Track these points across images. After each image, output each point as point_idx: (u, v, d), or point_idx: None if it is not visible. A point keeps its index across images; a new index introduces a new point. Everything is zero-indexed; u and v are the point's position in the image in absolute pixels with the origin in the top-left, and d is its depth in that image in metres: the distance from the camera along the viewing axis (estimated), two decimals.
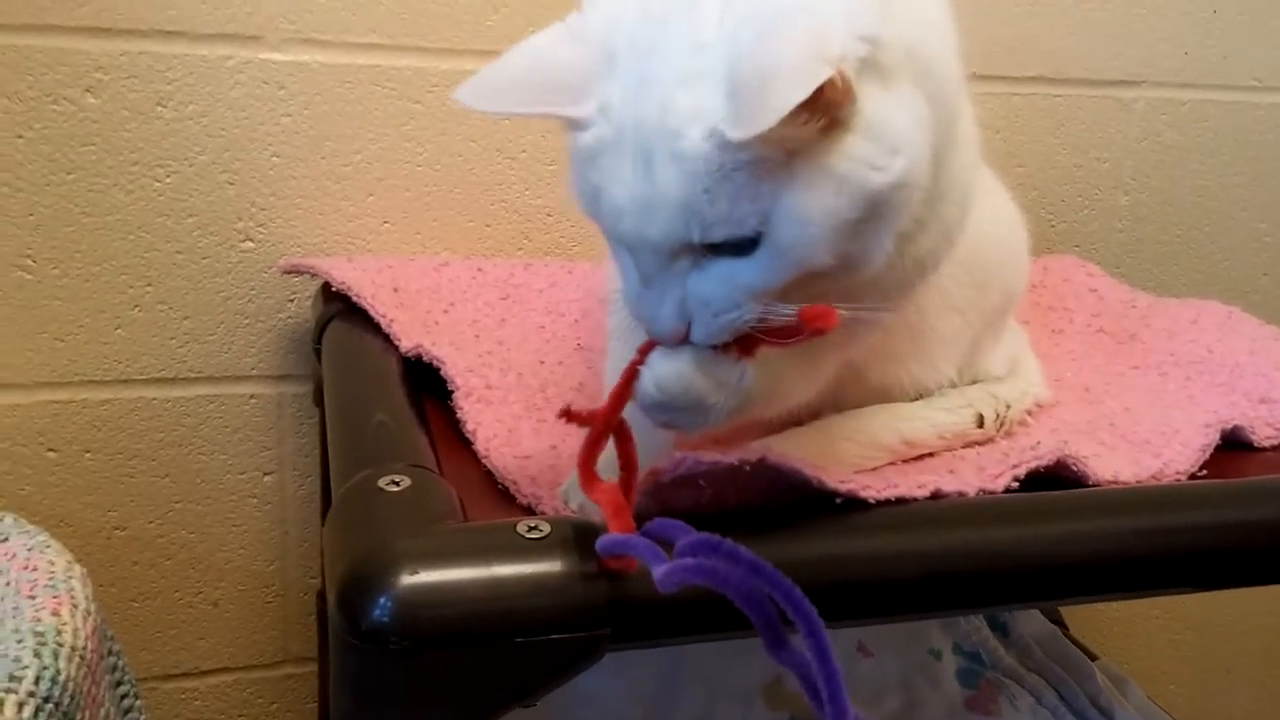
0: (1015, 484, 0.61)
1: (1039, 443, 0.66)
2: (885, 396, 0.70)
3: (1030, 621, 1.09)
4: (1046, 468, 0.62)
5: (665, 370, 0.53)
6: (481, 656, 0.45)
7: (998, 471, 0.61)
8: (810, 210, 0.49)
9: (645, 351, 0.54)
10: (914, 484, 0.57)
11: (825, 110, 0.48)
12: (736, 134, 0.46)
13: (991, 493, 0.59)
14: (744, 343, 0.53)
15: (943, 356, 0.72)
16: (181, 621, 1.01)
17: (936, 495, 0.57)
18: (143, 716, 0.74)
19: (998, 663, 1.06)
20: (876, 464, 0.66)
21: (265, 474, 1.00)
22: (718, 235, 0.50)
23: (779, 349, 0.53)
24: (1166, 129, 1.19)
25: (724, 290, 0.51)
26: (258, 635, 1.04)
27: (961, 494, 0.58)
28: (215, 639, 1.03)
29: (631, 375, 0.54)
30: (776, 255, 0.50)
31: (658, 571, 0.44)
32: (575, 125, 0.52)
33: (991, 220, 0.73)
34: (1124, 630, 1.37)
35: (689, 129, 0.48)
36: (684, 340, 0.52)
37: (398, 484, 0.52)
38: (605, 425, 0.52)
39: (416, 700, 0.45)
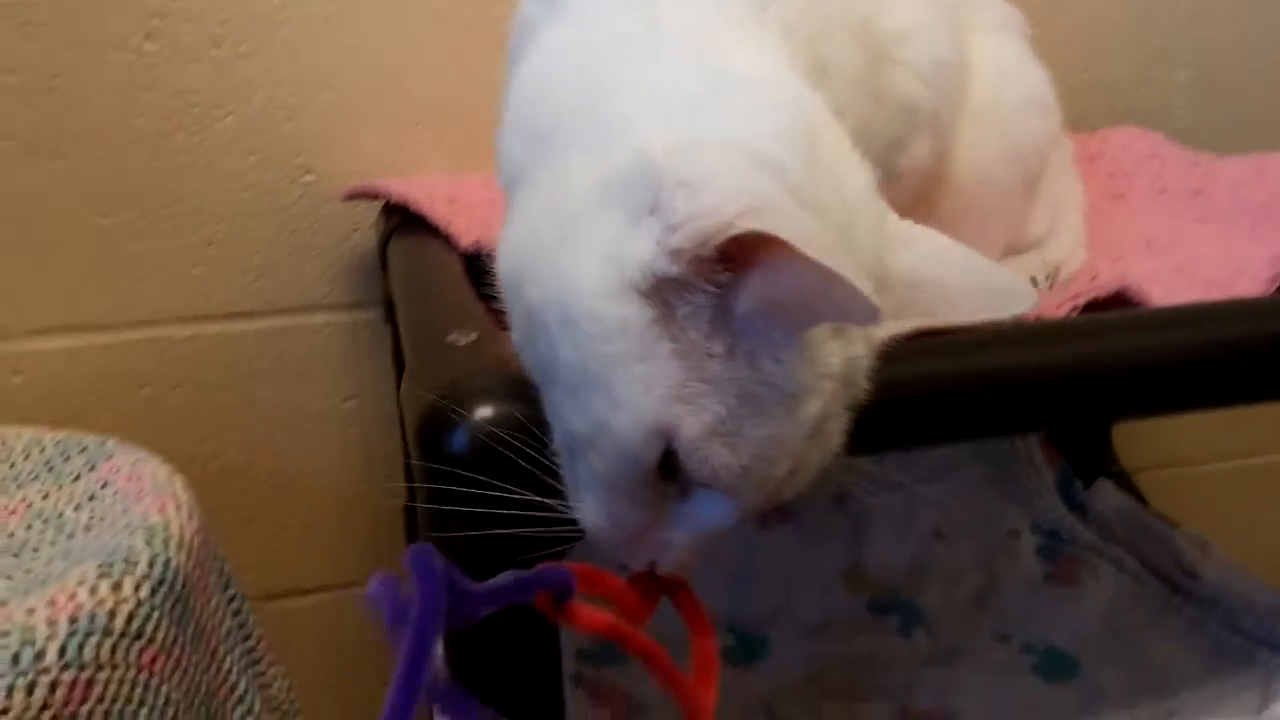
0: (1075, 313, 0.61)
1: (1096, 275, 0.66)
2: None
3: (1108, 497, 1.09)
4: (1107, 298, 0.63)
5: None
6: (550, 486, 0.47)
7: (1058, 302, 0.62)
8: None
9: None
10: None
11: None
12: None
13: None
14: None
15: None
16: (280, 544, 1.05)
17: None
18: (251, 618, 0.78)
19: (1077, 538, 1.05)
20: None
21: (345, 399, 1.04)
22: None
23: None
24: None
25: None
26: (351, 554, 1.07)
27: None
28: (313, 560, 1.07)
29: None
30: None
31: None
32: None
33: (1023, 105, 0.74)
34: (1204, 506, 1.34)
35: None
36: None
37: (467, 338, 0.54)
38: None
39: (491, 523, 0.47)
